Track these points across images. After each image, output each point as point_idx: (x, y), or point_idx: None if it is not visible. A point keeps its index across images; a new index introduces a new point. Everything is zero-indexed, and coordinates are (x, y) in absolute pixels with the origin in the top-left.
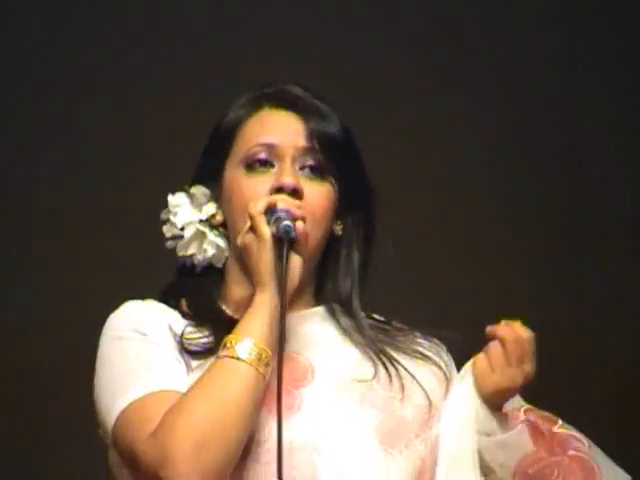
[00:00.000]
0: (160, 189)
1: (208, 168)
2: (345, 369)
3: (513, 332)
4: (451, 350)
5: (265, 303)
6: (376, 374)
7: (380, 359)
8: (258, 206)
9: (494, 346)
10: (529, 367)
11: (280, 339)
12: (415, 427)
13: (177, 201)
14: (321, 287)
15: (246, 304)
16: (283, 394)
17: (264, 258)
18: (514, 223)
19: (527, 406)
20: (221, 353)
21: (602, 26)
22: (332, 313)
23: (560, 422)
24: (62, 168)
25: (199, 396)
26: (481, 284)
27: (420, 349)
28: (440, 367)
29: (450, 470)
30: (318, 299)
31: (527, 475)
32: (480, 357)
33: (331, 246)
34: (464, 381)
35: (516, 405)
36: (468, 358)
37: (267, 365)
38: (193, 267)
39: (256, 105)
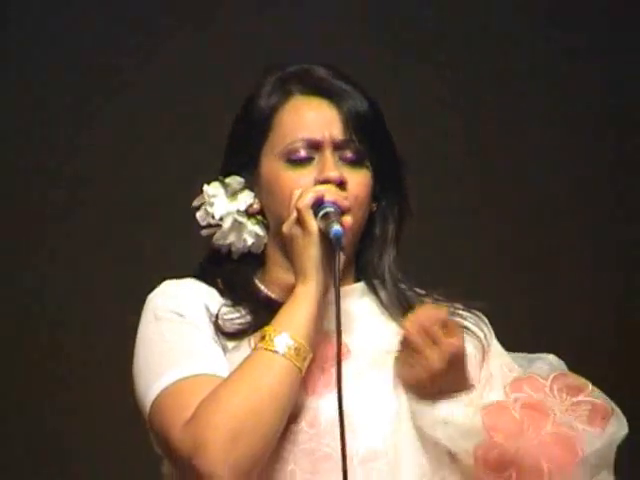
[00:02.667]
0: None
1: (241, 157)
2: (380, 343)
3: (412, 321)
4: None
5: (306, 296)
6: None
7: None
8: (305, 199)
9: (399, 344)
10: (439, 350)
11: (338, 349)
12: None
13: (213, 191)
14: (360, 263)
15: (287, 286)
16: (318, 372)
17: (310, 252)
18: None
19: (559, 371)
20: (259, 344)
21: None
22: (372, 288)
23: (590, 388)
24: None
25: (235, 387)
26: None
27: (459, 320)
28: (478, 338)
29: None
30: (358, 274)
31: (487, 462)
32: (395, 359)
33: (367, 222)
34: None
35: (546, 372)
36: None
37: (305, 359)
38: (229, 253)
39: (286, 91)
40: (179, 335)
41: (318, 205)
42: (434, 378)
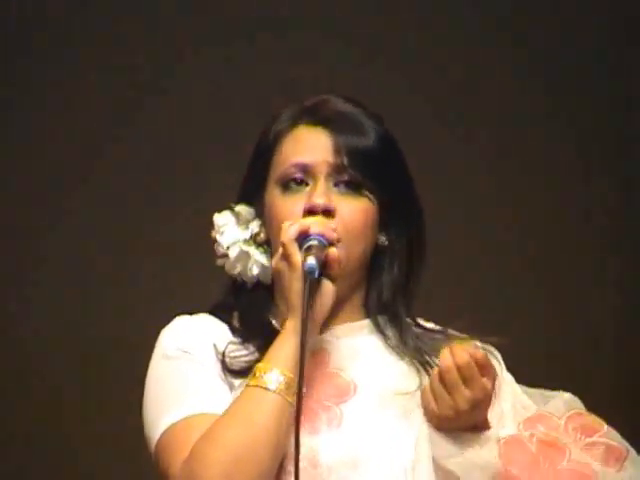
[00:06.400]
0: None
1: (250, 185)
2: (389, 383)
3: (448, 359)
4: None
5: (295, 330)
6: (420, 386)
7: (426, 370)
8: (289, 232)
9: (433, 376)
10: (470, 393)
11: (300, 379)
12: None
13: (223, 220)
14: (370, 298)
15: None
16: (323, 411)
17: (294, 286)
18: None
19: (575, 411)
20: (250, 382)
21: None
22: (378, 326)
23: (605, 429)
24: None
25: (228, 424)
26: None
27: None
28: None
29: None
30: (367, 310)
31: None
32: (424, 389)
33: (378, 257)
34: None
35: (562, 411)
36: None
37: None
38: (244, 283)
39: (293, 122)
40: (184, 374)
41: (304, 238)
42: (457, 416)
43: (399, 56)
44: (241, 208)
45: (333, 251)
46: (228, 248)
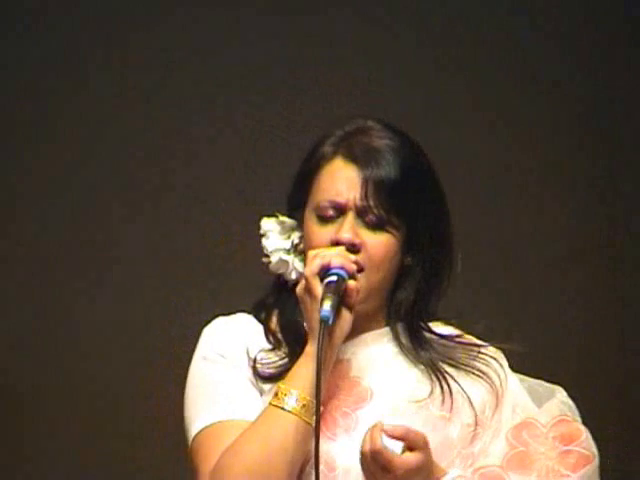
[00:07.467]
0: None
1: (294, 200)
2: (402, 390)
3: (366, 444)
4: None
5: (314, 355)
6: (431, 394)
7: (438, 378)
8: (312, 267)
9: (360, 457)
10: (391, 474)
11: (317, 403)
12: (458, 446)
13: (268, 227)
14: (391, 307)
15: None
16: (341, 418)
17: (315, 316)
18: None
19: (560, 418)
20: (272, 402)
21: None
22: (396, 333)
23: (583, 437)
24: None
25: (249, 439)
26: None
27: (478, 365)
28: (493, 384)
29: None
30: (388, 319)
31: None
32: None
33: (403, 273)
34: None
35: (553, 414)
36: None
37: (314, 414)
38: (286, 281)
39: (333, 153)
40: (218, 379)
41: (326, 271)
42: None
43: (399, 56)
44: (286, 218)
45: (352, 283)
46: (271, 252)
